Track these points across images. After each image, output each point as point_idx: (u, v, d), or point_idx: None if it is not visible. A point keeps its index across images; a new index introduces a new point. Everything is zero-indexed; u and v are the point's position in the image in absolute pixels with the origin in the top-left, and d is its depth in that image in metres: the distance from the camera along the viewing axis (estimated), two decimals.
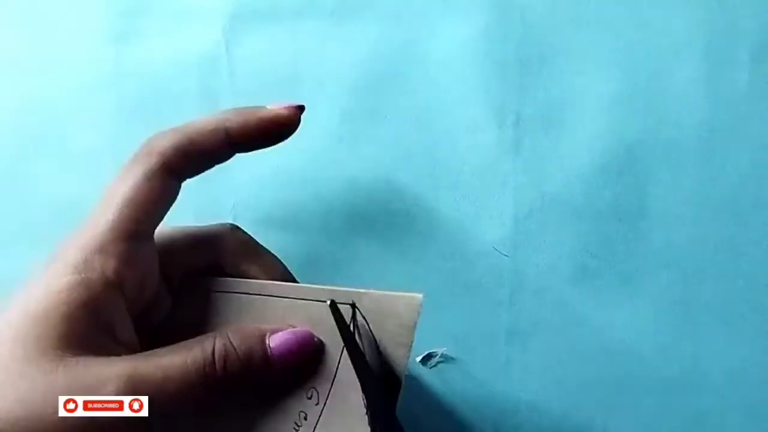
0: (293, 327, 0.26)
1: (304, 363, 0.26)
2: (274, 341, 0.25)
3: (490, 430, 0.33)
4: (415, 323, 0.24)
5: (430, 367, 0.33)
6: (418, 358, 0.33)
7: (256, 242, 0.30)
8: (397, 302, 0.25)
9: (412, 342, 0.24)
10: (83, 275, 0.24)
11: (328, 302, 0.24)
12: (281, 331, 0.26)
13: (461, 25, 0.35)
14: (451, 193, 0.34)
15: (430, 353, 0.33)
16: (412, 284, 0.34)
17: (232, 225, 0.29)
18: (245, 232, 0.29)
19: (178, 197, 0.27)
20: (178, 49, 0.36)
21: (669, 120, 0.34)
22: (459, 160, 0.35)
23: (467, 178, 0.35)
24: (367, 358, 0.24)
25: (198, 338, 0.25)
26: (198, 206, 0.35)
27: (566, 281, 0.34)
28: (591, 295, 0.34)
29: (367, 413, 0.24)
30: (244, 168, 0.34)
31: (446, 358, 0.33)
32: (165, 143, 0.26)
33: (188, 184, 0.29)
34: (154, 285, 0.26)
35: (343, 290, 0.25)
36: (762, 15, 0.34)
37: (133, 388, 0.23)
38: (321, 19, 0.35)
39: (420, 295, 0.24)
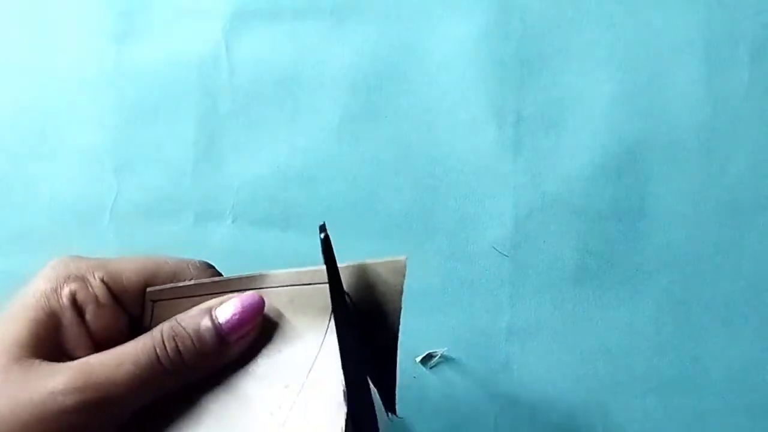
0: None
1: (255, 327, 0.26)
2: (220, 312, 0.26)
3: (489, 430, 0.34)
4: (402, 287, 0.24)
5: (430, 368, 0.33)
6: (418, 358, 0.33)
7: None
8: (379, 269, 0.24)
9: (401, 307, 0.24)
10: (57, 287, 0.25)
11: (319, 227, 0.24)
12: (226, 302, 0.26)
13: (461, 25, 0.36)
14: (451, 193, 0.35)
15: (430, 353, 0.33)
16: (412, 284, 0.34)
17: (205, 263, 0.29)
18: (217, 272, 0.29)
19: (179, 196, 0.27)
20: (178, 49, 0.36)
21: (669, 120, 0.35)
22: (459, 160, 0.35)
23: (467, 178, 0.35)
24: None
25: (150, 330, 0.25)
26: (198, 206, 0.36)
27: (566, 281, 0.34)
28: (591, 295, 0.34)
29: (344, 390, 0.24)
30: (244, 168, 0.35)
31: (446, 358, 0.33)
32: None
33: (187, 185, 0.29)
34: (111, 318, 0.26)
35: (322, 269, 0.25)
36: (762, 15, 0.35)
37: (83, 377, 0.23)
38: (321, 19, 0.36)
39: (403, 257, 0.24)
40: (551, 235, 0.35)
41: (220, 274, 0.27)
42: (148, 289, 0.25)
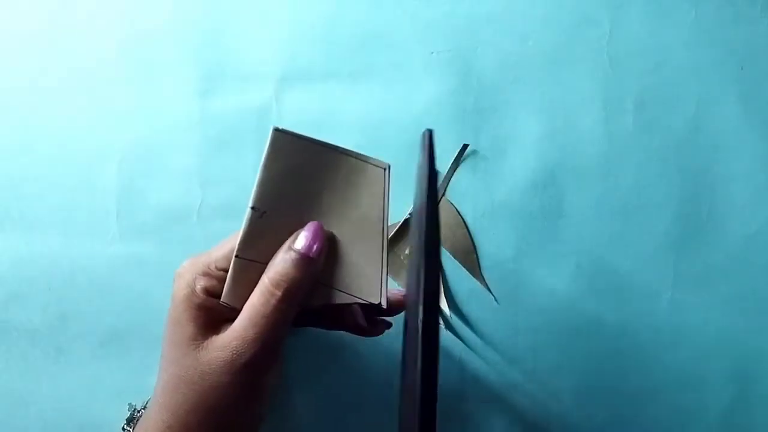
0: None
1: (324, 239, 0.29)
2: (297, 243, 0.30)
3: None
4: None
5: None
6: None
7: None
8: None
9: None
10: (192, 289, 0.31)
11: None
12: (297, 236, 0.30)
13: (437, 85, 0.42)
14: None
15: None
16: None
17: None
18: None
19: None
20: (244, 102, 0.42)
21: (578, 151, 0.42)
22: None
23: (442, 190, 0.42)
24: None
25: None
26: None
27: (509, 260, 0.41)
28: (526, 268, 0.41)
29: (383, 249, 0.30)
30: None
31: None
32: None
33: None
34: None
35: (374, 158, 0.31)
36: (642, 76, 0.42)
37: (230, 354, 0.28)
38: (341, 80, 0.42)
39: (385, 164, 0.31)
40: (498, 229, 0.42)
41: None
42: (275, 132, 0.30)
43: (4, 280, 0.43)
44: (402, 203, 0.43)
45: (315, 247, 0.29)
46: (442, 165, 0.43)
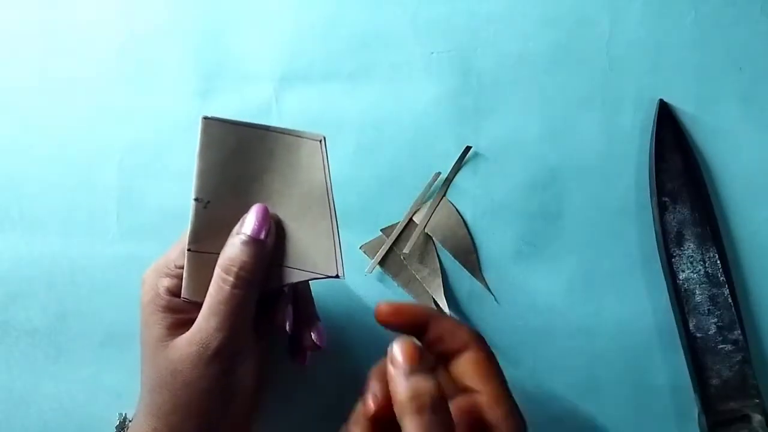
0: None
1: (269, 220, 0.30)
2: (244, 228, 0.30)
3: None
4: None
5: None
6: None
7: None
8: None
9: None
10: (156, 292, 0.31)
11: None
12: (244, 220, 0.30)
13: (437, 85, 0.43)
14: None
15: None
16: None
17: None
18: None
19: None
20: (243, 102, 0.43)
21: (577, 151, 0.42)
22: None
23: (441, 190, 0.42)
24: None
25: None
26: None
27: (509, 261, 0.42)
28: (525, 270, 0.42)
29: (334, 233, 0.31)
30: None
31: None
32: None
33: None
34: None
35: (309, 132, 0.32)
36: (641, 78, 0.42)
37: (197, 347, 0.28)
38: (340, 80, 0.43)
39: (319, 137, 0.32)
40: (498, 229, 0.42)
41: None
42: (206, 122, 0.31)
43: (4, 280, 0.43)
44: (403, 203, 0.43)
45: (261, 228, 0.29)
46: (442, 165, 0.43)
